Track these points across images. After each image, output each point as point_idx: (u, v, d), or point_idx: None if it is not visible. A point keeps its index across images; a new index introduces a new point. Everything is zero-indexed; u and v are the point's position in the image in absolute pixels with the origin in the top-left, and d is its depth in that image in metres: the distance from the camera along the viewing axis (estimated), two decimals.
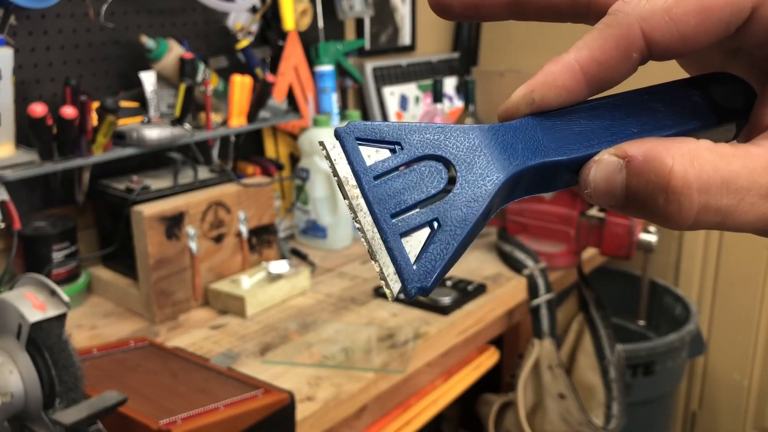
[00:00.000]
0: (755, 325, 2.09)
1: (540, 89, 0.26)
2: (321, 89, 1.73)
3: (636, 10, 0.24)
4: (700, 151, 0.23)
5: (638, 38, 0.24)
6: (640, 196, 0.23)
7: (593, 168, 0.24)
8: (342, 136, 0.26)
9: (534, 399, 1.45)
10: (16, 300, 0.77)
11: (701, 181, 0.22)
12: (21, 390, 0.77)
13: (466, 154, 0.25)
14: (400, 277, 0.24)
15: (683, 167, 0.22)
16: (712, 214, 0.23)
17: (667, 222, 0.23)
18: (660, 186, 0.23)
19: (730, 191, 0.22)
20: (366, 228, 0.25)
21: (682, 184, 0.22)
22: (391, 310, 1.28)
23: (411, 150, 0.26)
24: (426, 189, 0.25)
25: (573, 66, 0.25)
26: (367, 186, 0.25)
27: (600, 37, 0.25)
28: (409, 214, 0.25)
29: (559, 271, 1.52)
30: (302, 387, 1.03)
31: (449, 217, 0.25)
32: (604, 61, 0.25)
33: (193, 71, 1.35)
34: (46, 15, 1.28)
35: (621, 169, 0.24)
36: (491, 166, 0.25)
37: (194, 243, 1.27)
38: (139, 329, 1.22)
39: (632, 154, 0.23)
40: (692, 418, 2.28)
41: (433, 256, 0.24)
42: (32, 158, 1.18)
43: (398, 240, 0.25)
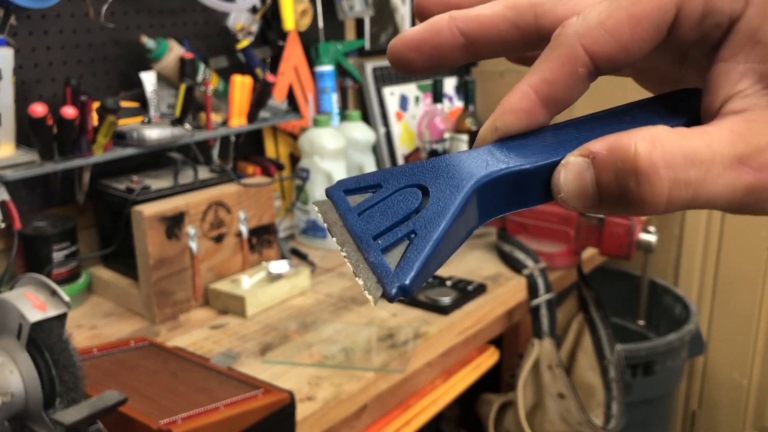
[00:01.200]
0: (755, 324, 2.09)
1: (501, 117, 0.27)
2: (321, 89, 1.73)
3: (573, 30, 0.26)
4: (660, 133, 0.24)
5: (581, 54, 0.26)
6: (612, 188, 0.24)
7: (561, 172, 0.25)
8: (330, 192, 0.29)
9: (534, 399, 1.45)
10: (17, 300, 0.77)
11: (666, 158, 0.23)
12: (21, 390, 0.77)
13: (437, 176, 0.27)
14: (380, 282, 0.25)
15: (646, 148, 0.23)
16: (683, 188, 0.23)
17: (644, 205, 0.24)
18: (628, 170, 0.23)
19: (695, 163, 0.23)
20: (351, 255, 0.27)
21: (648, 164, 0.23)
22: (391, 310, 1.28)
23: (389, 186, 0.28)
24: (403, 210, 0.27)
25: (527, 90, 0.27)
26: (351, 221, 0.27)
27: (546, 59, 0.26)
28: (389, 234, 0.27)
29: (558, 271, 1.52)
30: (302, 387, 1.03)
31: (423, 225, 0.26)
32: (554, 79, 0.26)
33: (193, 71, 1.35)
34: (47, 15, 1.28)
35: (588, 166, 0.25)
36: (461, 180, 0.27)
37: (194, 243, 1.27)
38: (140, 329, 1.22)
39: (596, 150, 0.24)
40: (692, 418, 2.28)
41: (411, 258, 0.25)
42: (32, 158, 1.18)
43: (380, 255, 0.26)
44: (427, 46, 0.29)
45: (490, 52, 0.29)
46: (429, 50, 0.29)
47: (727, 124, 0.24)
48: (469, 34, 0.29)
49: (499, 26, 0.28)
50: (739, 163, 0.24)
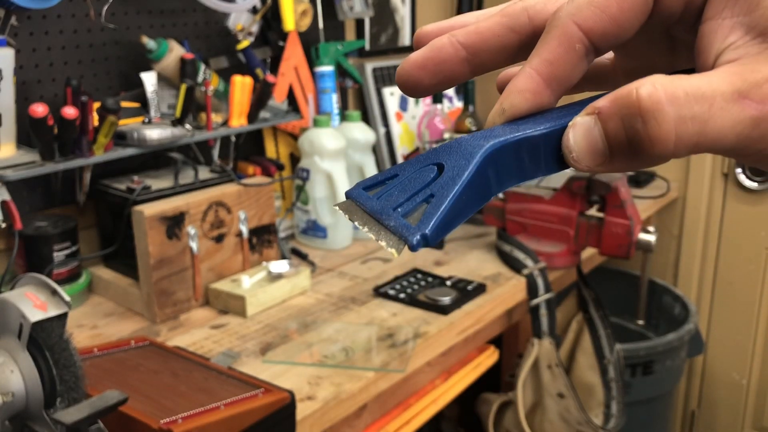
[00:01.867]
0: (754, 324, 2.09)
1: (507, 99, 0.28)
2: (321, 89, 1.73)
3: (566, 10, 0.27)
4: (658, 77, 0.24)
5: (575, 31, 0.27)
6: (620, 136, 0.25)
7: (570, 132, 0.26)
8: (351, 192, 0.30)
9: (533, 398, 1.46)
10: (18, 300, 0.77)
11: (668, 94, 0.24)
12: (22, 389, 0.77)
13: (451, 152, 0.28)
14: (402, 237, 0.26)
15: (647, 90, 0.24)
16: (689, 123, 0.24)
17: (653, 145, 0.24)
18: (633, 114, 0.24)
19: (698, 98, 0.24)
20: (373, 228, 0.28)
21: (651, 101, 0.24)
22: (391, 310, 1.29)
23: (406, 172, 0.29)
24: (420, 183, 0.28)
25: (530, 72, 0.28)
26: (371, 205, 0.28)
27: (544, 41, 0.28)
28: (407, 202, 0.28)
29: (558, 270, 1.52)
30: (302, 386, 1.03)
31: (440, 188, 0.27)
32: (554, 59, 0.27)
33: (193, 72, 1.35)
34: (47, 15, 1.28)
35: (595, 121, 0.25)
36: (473, 148, 0.28)
37: (195, 243, 1.28)
38: (140, 329, 1.23)
39: (600, 105, 0.25)
40: (691, 418, 2.28)
41: (430, 212, 0.26)
42: (33, 158, 1.18)
43: (400, 218, 0.27)
44: (431, 63, 0.30)
45: (492, 60, 0.30)
46: (434, 67, 0.30)
47: (723, 68, 0.25)
48: (469, 45, 0.30)
49: (497, 33, 0.30)
50: (740, 96, 0.24)
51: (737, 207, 2.07)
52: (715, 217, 2.11)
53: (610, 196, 1.44)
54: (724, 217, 2.11)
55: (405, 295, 1.33)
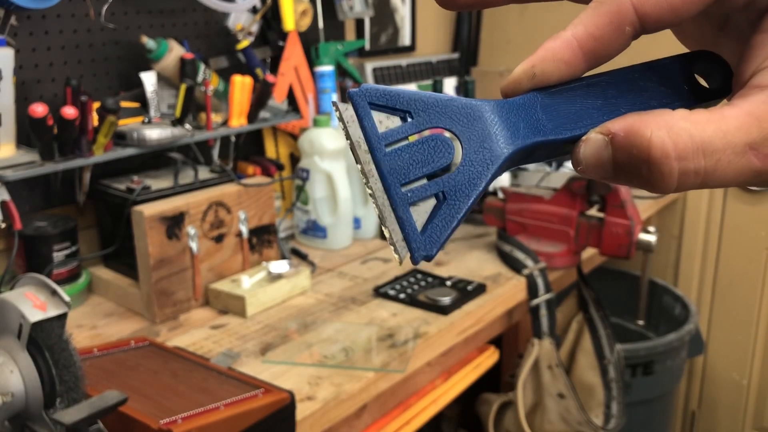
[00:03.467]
0: (754, 324, 2.09)
1: (540, 64, 0.28)
2: (321, 89, 1.73)
3: None
4: (676, 122, 0.25)
5: (630, 12, 0.26)
6: (626, 168, 0.25)
7: (582, 147, 0.27)
8: (355, 100, 0.28)
9: (533, 398, 1.45)
10: (17, 300, 0.77)
11: (678, 150, 0.24)
12: (22, 389, 0.77)
13: (471, 129, 0.27)
14: (407, 245, 0.26)
15: (660, 139, 0.24)
16: (692, 176, 0.24)
17: (654, 188, 0.25)
18: (642, 158, 0.25)
19: (707, 154, 0.24)
20: (377, 194, 0.27)
21: (660, 155, 0.24)
22: (391, 310, 1.29)
23: (421, 120, 0.28)
24: (434, 162, 0.27)
25: (571, 41, 0.27)
26: (379, 153, 0.27)
27: (595, 14, 0.27)
28: (417, 185, 0.27)
29: (558, 271, 1.52)
30: (302, 386, 1.03)
31: (454, 191, 0.27)
32: (600, 35, 0.27)
33: (193, 71, 1.35)
34: (47, 15, 1.28)
35: (607, 145, 0.26)
36: (494, 145, 0.27)
37: (195, 243, 1.27)
38: (140, 329, 1.23)
39: (614, 131, 0.25)
40: (691, 418, 2.28)
41: (438, 227, 0.26)
42: (33, 158, 1.18)
43: (407, 209, 0.26)
44: None
45: None
46: None
47: (746, 106, 0.25)
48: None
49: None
50: (750, 149, 0.24)
51: (738, 207, 2.07)
52: (715, 218, 2.11)
53: (611, 196, 1.44)
54: (724, 218, 2.11)
55: (405, 295, 1.33)
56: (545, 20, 2.19)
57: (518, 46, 2.27)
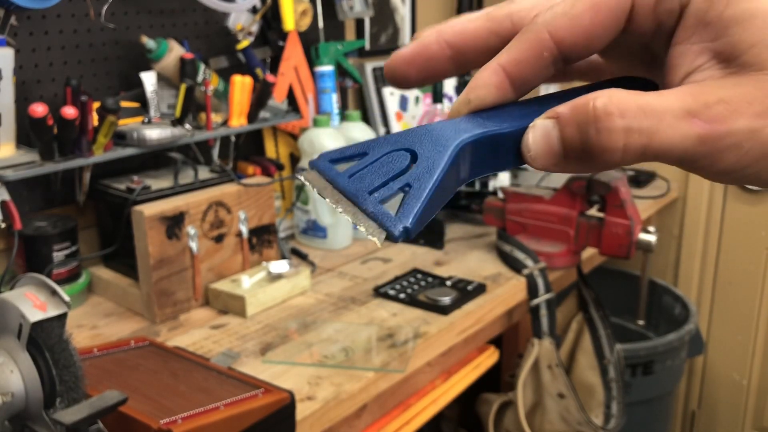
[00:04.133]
0: (754, 324, 2.09)
1: (474, 91, 0.30)
2: (321, 89, 1.73)
3: (542, 18, 0.29)
4: (615, 92, 0.26)
5: (546, 39, 0.29)
6: (574, 141, 0.27)
7: (530, 133, 0.28)
8: (315, 163, 0.30)
9: (533, 398, 1.45)
10: (17, 300, 0.77)
11: (620, 108, 0.26)
12: (22, 389, 0.77)
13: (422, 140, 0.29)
14: (383, 226, 0.27)
15: (603, 102, 0.26)
16: (636, 135, 0.26)
17: (603, 152, 0.26)
18: (588, 122, 0.26)
19: (647, 114, 0.26)
20: (348, 209, 0.28)
21: (604, 113, 0.26)
22: (391, 310, 1.29)
23: (375, 152, 0.30)
24: (394, 168, 0.29)
25: (497, 68, 0.30)
26: (342, 183, 0.29)
27: (516, 42, 0.30)
28: (383, 188, 0.28)
29: (558, 271, 1.52)
30: (302, 386, 1.03)
31: (416, 178, 0.28)
32: (521, 60, 0.29)
33: (193, 71, 1.35)
34: (47, 15, 1.28)
35: (554, 125, 0.27)
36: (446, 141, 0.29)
37: (195, 243, 1.27)
38: (140, 329, 1.23)
39: (560, 110, 0.27)
40: (691, 418, 2.28)
41: (410, 203, 0.27)
42: (33, 158, 1.18)
43: (378, 205, 0.28)
44: (419, 59, 0.32)
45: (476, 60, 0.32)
46: (421, 63, 0.32)
47: (680, 88, 0.27)
48: (455, 44, 0.32)
49: (481, 35, 0.32)
50: (689, 115, 0.26)
51: (737, 207, 2.07)
52: (715, 217, 2.11)
53: (610, 196, 1.44)
54: (724, 217, 2.11)
55: (405, 295, 1.33)
56: None
57: None
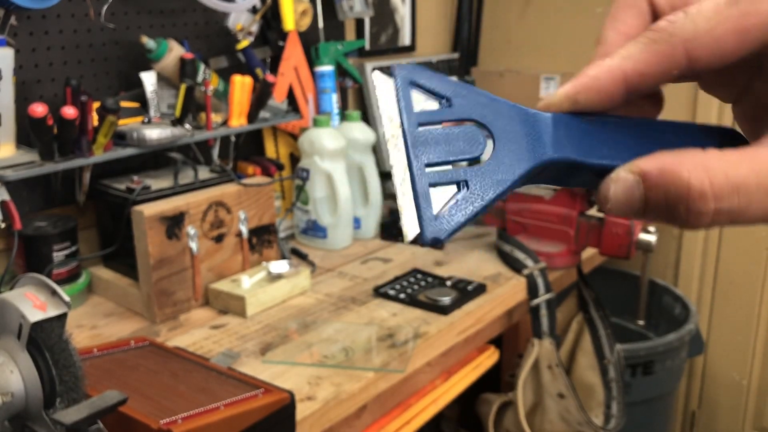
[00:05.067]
0: (754, 324, 2.09)
1: (585, 92, 0.28)
2: (321, 89, 1.73)
3: (681, 31, 0.26)
4: (710, 161, 0.25)
5: (682, 57, 0.27)
6: (659, 207, 0.25)
7: (612, 186, 0.26)
8: (397, 76, 0.27)
9: (533, 398, 1.45)
10: (17, 300, 0.77)
11: (715, 189, 0.24)
12: (21, 389, 0.77)
13: (508, 129, 0.27)
14: (420, 224, 0.26)
15: (699, 179, 0.24)
16: (725, 215, 0.25)
17: (686, 225, 0.25)
18: (680, 197, 0.25)
19: (741, 194, 0.24)
20: (399, 169, 0.26)
21: (699, 195, 0.24)
22: (391, 310, 1.29)
23: (459, 109, 0.27)
24: (463, 150, 0.27)
25: (618, 75, 0.27)
26: (409, 129, 0.27)
27: (646, 51, 0.27)
28: (442, 168, 0.26)
29: (558, 271, 1.52)
30: (302, 386, 1.03)
31: (477, 183, 0.26)
32: (648, 74, 0.27)
33: (193, 71, 1.35)
34: (47, 15, 1.28)
35: (638, 184, 0.26)
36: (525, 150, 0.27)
37: (195, 243, 1.27)
38: (140, 329, 1.23)
39: (648, 170, 0.25)
40: (692, 418, 2.28)
41: (453, 214, 0.26)
42: (33, 158, 1.18)
43: (426, 189, 0.26)
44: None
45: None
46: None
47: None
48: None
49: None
50: None
51: None
52: None
53: None
54: None
55: (405, 295, 1.33)
56: (545, 21, 2.19)
57: (518, 47, 2.27)
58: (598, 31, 0.31)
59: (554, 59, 2.17)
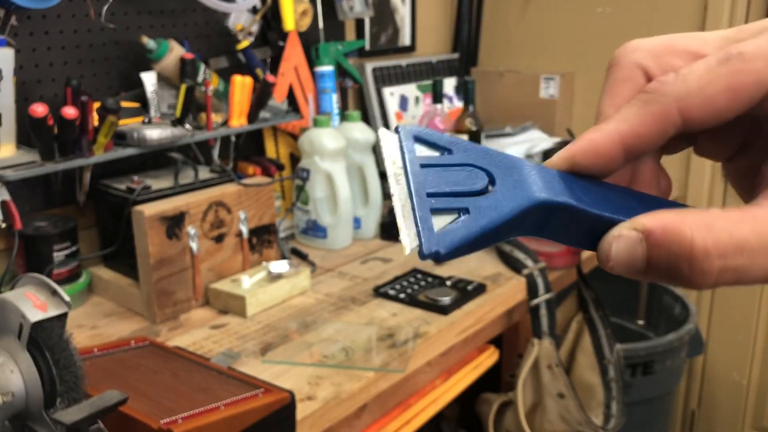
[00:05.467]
0: (754, 324, 2.09)
1: (583, 155, 0.28)
2: (321, 89, 1.73)
3: (673, 91, 0.27)
4: (714, 220, 0.25)
5: (676, 116, 0.27)
6: (662, 266, 0.25)
7: (613, 243, 0.26)
8: (400, 130, 0.29)
9: (533, 398, 1.46)
10: (18, 300, 0.77)
11: (719, 248, 0.24)
12: (22, 389, 0.77)
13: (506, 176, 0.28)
14: (420, 236, 0.26)
15: (702, 237, 0.24)
16: (729, 273, 0.25)
17: (690, 285, 0.25)
18: (683, 256, 0.25)
19: (744, 253, 0.25)
20: (401, 196, 0.27)
21: (703, 253, 0.24)
22: (391, 310, 1.29)
23: (459, 157, 0.28)
24: (465, 184, 0.27)
25: (615, 137, 0.28)
26: (411, 164, 0.28)
27: (641, 113, 0.28)
28: (443, 198, 0.27)
29: (558, 270, 1.52)
30: (302, 386, 1.03)
31: (477, 210, 0.26)
32: (644, 135, 0.28)
33: (193, 72, 1.35)
34: (47, 15, 1.28)
35: (641, 242, 0.25)
36: (523, 191, 0.27)
37: (195, 243, 1.28)
38: (140, 329, 1.23)
39: (651, 227, 0.25)
40: (691, 418, 2.28)
41: (454, 232, 0.26)
42: (33, 158, 1.18)
43: (428, 212, 0.26)
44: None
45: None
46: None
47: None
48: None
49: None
50: None
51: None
52: None
53: None
54: None
55: (405, 295, 1.33)
56: (545, 21, 2.20)
57: (518, 47, 2.27)
58: (597, 31, 0.31)
59: (554, 59, 2.17)
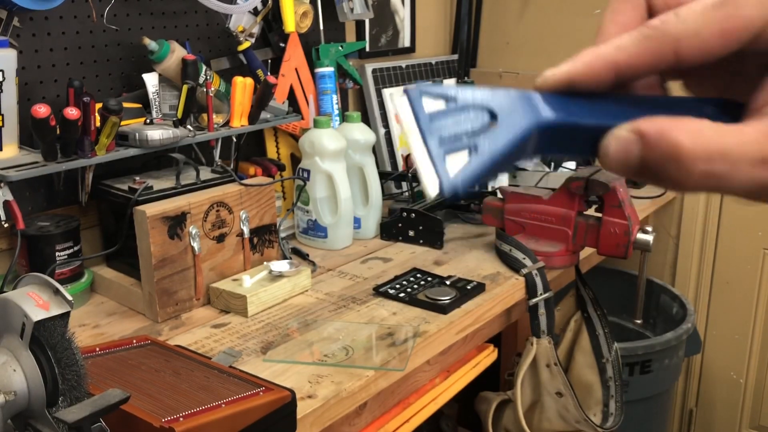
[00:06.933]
0: (751, 323, 2.10)
1: (580, 78, 0.31)
2: (321, 90, 1.74)
3: (673, 31, 0.29)
4: (704, 128, 0.27)
5: (670, 54, 0.30)
6: (653, 166, 0.28)
7: (612, 142, 0.29)
8: (409, 92, 0.33)
9: (532, 397, 1.46)
10: (20, 299, 0.78)
11: (705, 153, 0.27)
12: (24, 388, 0.78)
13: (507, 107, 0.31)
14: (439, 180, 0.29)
15: (691, 141, 0.27)
16: (712, 179, 0.27)
17: (675, 186, 0.28)
18: (672, 157, 0.27)
19: (726, 159, 0.27)
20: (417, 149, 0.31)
21: (689, 156, 0.27)
22: (391, 309, 1.30)
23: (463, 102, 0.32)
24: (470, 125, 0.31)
25: (611, 63, 0.31)
26: (422, 121, 0.31)
27: (638, 45, 0.30)
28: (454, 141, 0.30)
29: (556, 270, 1.53)
30: (303, 385, 1.04)
31: (484, 147, 0.30)
32: (637, 66, 0.30)
33: (195, 73, 1.36)
34: (50, 17, 1.29)
35: (636, 142, 0.28)
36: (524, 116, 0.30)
37: (196, 242, 1.28)
38: (142, 328, 1.24)
39: (646, 130, 0.28)
40: (689, 416, 2.29)
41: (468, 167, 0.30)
42: (36, 159, 1.19)
43: (442, 155, 0.30)
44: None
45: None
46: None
47: (760, 126, 0.28)
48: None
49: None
50: (762, 162, 0.27)
51: (735, 207, 2.08)
52: (712, 217, 2.12)
53: (608, 196, 1.45)
54: (721, 217, 2.11)
55: (405, 294, 1.34)
56: (544, 22, 2.20)
57: (517, 48, 2.28)
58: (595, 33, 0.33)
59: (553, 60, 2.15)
